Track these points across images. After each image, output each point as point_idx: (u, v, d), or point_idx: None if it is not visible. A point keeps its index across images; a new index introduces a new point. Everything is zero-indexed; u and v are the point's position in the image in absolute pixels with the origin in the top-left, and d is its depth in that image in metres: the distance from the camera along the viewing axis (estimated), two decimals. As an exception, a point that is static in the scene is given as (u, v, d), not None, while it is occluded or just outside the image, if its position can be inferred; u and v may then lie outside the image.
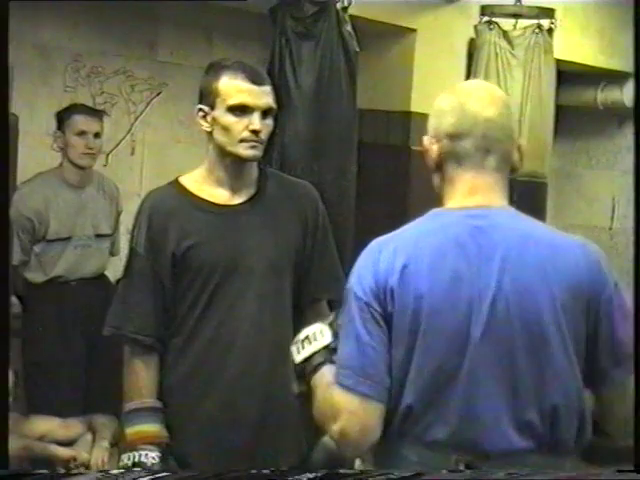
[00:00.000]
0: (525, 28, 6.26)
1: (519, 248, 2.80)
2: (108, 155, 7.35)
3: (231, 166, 3.70)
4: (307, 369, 3.04)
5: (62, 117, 6.16)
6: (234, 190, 3.71)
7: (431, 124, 2.99)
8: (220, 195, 3.71)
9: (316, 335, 3.04)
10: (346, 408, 2.80)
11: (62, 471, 4.60)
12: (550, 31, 6.30)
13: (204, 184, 3.76)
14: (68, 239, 6.14)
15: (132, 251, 3.79)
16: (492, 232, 2.83)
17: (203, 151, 7.58)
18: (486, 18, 6.28)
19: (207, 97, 3.76)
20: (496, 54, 6.20)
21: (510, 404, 2.74)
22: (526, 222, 2.92)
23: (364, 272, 2.84)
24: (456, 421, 2.75)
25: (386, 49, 7.60)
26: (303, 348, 3.07)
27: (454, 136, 2.85)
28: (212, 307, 3.67)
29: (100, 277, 6.37)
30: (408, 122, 7.70)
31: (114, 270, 6.37)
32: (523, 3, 6.24)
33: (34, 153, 6.14)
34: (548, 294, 2.73)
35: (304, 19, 4.68)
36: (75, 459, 5.59)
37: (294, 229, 3.62)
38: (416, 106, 7.72)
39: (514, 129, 2.97)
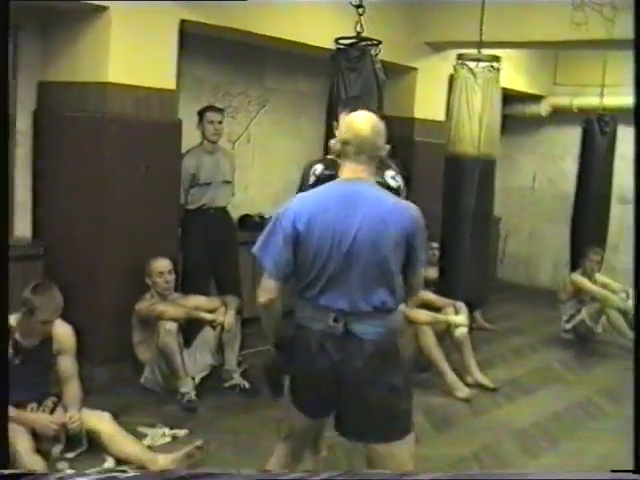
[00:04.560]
0: (484, 67, 6.16)
1: (372, 205, 3.03)
2: (234, 142, 7.40)
3: None
4: None
5: (201, 113, 6.17)
6: None
7: (337, 133, 3.41)
8: None
9: None
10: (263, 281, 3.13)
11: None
12: (498, 70, 6.20)
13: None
14: (209, 183, 6.14)
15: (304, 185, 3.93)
16: (358, 193, 3.06)
17: (292, 142, 7.69)
18: (460, 61, 6.19)
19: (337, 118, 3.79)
20: (466, 83, 6.11)
21: (359, 289, 2.98)
22: (379, 191, 3.12)
23: (288, 212, 3.08)
24: (329, 294, 3.01)
25: (398, 80, 7.58)
26: None
27: (345, 142, 3.11)
28: None
29: (225, 208, 6.36)
30: (412, 125, 7.71)
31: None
32: (482, 53, 6.14)
33: (190, 141, 6.10)
34: (387, 234, 2.98)
35: (352, 59, 4.64)
36: (214, 321, 5.63)
37: None
38: (418, 114, 7.74)
39: (379, 142, 3.13)
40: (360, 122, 3.12)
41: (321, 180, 3.64)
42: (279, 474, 3.08)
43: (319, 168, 3.73)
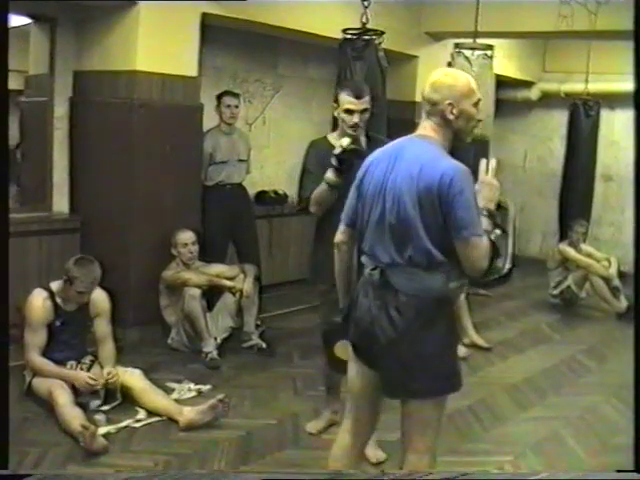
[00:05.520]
0: (479, 55, 6.06)
1: (408, 161, 2.65)
2: (251, 125, 7.34)
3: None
4: None
5: (219, 97, 6.13)
6: None
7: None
8: None
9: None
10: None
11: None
12: (491, 57, 6.11)
13: (336, 139, 3.72)
14: (226, 162, 6.09)
15: (306, 165, 3.88)
16: (405, 148, 2.71)
17: (304, 124, 7.66)
18: (457, 50, 6.10)
19: (336, 99, 3.77)
20: (462, 70, 5.97)
21: (391, 241, 2.66)
22: (426, 148, 2.67)
23: (363, 163, 2.86)
24: (373, 243, 2.74)
25: (401, 67, 7.51)
26: None
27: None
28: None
29: (240, 184, 6.28)
30: (414, 107, 7.64)
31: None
32: (477, 42, 6.07)
33: (211, 123, 6.07)
34: (410, 191, 2.58)
35: (357, 49, 4.58)
36: (234, 287, 5.63)
37: None
38: (419, 98, 7.63)
39: (445, 98, 2.65)
40: (430, 79, 2.73)
41: (346, 152, 3.58)
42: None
43: (345, 141, 3.70)
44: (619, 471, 3.13)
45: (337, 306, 3.05)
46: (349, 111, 3.70)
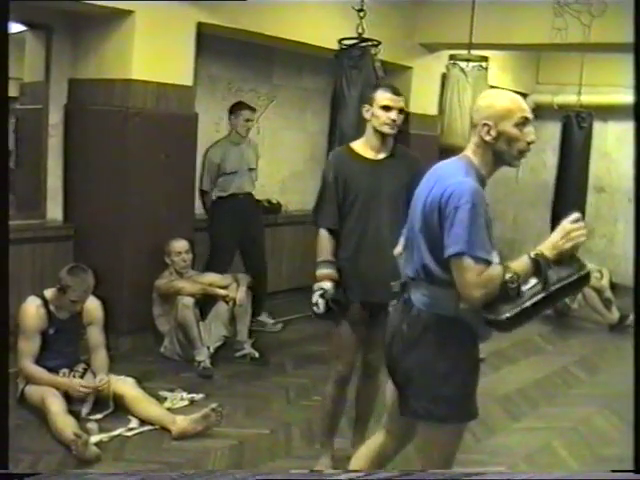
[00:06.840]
0: (473, 67, 6.11)
1: (431, 180, 2.59)
2: (246, 134, 7.34)
3: (378, 138, 3.61)
4: None
5: (232, 109, 6.25)
6: (378, 151, 3.61)
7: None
8: (370, 153, 3.62)
9: None
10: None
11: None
12: (486, 69, 6.16)
13: (362, 147, 3.65)
14: (236, 172, 6.18)
15: (324, 179, 3.67)
16: (439, 168, 2.64)
17: (298, 135, 7.67)
18: (452, 61, 6.15)
19: (369, 100, 3.66)
20: (457, 81, 6.07)
21: (410, 255, 2.66)
22: (454, 165, 2.59)
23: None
24: (403, 258, 2.76)
25: (397, 77, 7.50)
26: None
27: None
28: (360, 215, 3.57)
29: (251, 194, 6.37)
30: (407, 119, 7.57)
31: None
32: (472, 54, 6.10)
33: (205, 132, 6.09)
34: (422, 209, 2.54)
35: (354, 58, 4.57)
36: (227, 296, 5.63)
37: (406, 177, 3.40)
38: (413, 109, 7.68)
39: (481, 118, 2.57)
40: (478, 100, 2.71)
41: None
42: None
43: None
44: (614, 471, 3.15)
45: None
46: (387, 108, 3.60)
